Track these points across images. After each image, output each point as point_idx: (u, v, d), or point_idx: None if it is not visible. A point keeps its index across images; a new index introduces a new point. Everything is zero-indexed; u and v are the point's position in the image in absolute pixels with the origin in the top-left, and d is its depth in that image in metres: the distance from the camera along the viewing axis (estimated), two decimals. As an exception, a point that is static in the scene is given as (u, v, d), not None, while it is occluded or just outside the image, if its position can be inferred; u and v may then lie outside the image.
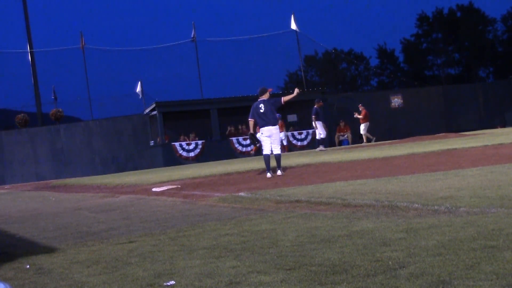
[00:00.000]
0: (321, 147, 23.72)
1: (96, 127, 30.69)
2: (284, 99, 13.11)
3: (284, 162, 14.25)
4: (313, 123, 23.69)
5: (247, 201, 8.73)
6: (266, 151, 12.94)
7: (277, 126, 13.01)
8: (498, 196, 6.33)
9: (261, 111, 12.80)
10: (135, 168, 29.15)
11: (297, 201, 7.96)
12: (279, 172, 12.81)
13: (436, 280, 3.53)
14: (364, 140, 27.71)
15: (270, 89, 13.22)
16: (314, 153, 22.12)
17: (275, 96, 13.62)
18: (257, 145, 13.24)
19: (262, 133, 12.97)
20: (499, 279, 3.42)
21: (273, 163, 13.09)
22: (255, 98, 12.16)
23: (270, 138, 12.87)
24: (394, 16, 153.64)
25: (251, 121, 13.07)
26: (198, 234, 6.24)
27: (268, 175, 12.66)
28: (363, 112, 28.00)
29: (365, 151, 18.73)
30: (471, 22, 59.30)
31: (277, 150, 12.94)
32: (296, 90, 13.72)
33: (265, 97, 12.99)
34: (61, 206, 12.11)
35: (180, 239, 6.07)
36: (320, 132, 23.59)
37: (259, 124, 12.99)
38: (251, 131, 13.20)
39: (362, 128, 28.09)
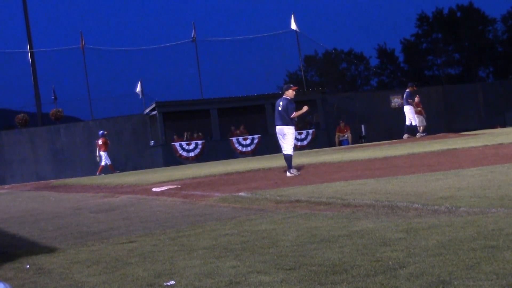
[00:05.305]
0: (420, 134, 23.15)
1: (96, 127, 30.66)
2: (295, 115, 12.70)
3: (280, 162, 14.20)
4: (407, 107, 22.80)
5: (247, 201, 8.73)
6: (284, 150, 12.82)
7: (290, 127, 12.71)
8: (498, 196, 6.33)
9: (279, 108, 12.66)
10: (135, 168, 29.15)
11: (297, 201, 7.96)
12: (288, 174, 12.52)
13: (436, 280, 3.53)
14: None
15: (294, 87, 12.91)
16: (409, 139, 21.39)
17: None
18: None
19: (278, 132, 12.80)
20: (499, 279, 3.42)
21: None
22: (255, 98, 12.04)
23: (283, 137, 12.72)
24: (394, 16, 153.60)
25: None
26: (198, 234, 6.24)
27: (288, 174, 12.51)
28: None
29: (365, 151, 18.73)
30: (471, 22, 59.25)
31: (287, 151, 12.68)
32: (306, 108, 13.16)
33: (289, 95, 12.73)
34: (61, 206, 12.11)
35: (180, 239, 6.07)
36: (411, 118, 22.83)
37: (274, 122, 12.84)
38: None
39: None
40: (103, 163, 27.05)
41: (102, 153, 27.21)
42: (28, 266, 5.40)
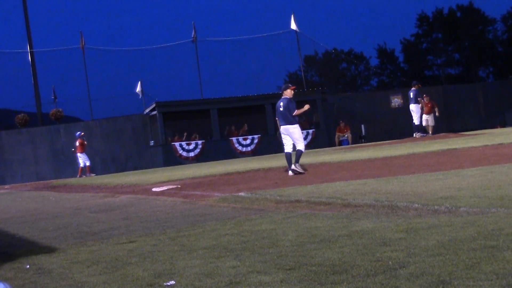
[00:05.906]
0: (419, 133, 22.94)
1: (96, 127, 30.67)
2: (296, 113, 12.76)
3: (280, 162, 14.21)
4: (414, 106, 22.46)
5: (247, 201, 8.73)
6: (286, 149, 12.92)
7: (295, 125, 12.79)
8: (498, 196, 6.33)
9: (281, 109, 12.80)
10: (135, 168, 29.14)
11: (297, 201, 7.96)
12: (293, 166, 12.57)
13: (436, 280, 3.53)
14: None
15: (292, 87, 13.00)
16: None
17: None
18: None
19: (282, 132, 12.94)
20: (499, 279, 3.42)
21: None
22: (255, 98, 12.08)
23: (290, 136, 12.80)
24: (394, 16, 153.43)
25: (277, 120, 13.12)
26: (198, 234, 6.24)
27: (290, 173, 12.60)
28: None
29: (365, 151, 18.73)
30: (471, 22, 59.27)
31: (298, 146, 12.76)
32: (307, 106, 13.13)
33: (287, 94, 12.87)
34: (61, 206, 12.11)
35: (180, 239, 6.07)
36: (417, 116, 22.63)
37: (279, 123, 13.00)
38: (279, 130, 13.10)
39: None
40: (88, 163, 26.62)
41: (79, 154, 26.59)
42: (28, 266, 5.40)
